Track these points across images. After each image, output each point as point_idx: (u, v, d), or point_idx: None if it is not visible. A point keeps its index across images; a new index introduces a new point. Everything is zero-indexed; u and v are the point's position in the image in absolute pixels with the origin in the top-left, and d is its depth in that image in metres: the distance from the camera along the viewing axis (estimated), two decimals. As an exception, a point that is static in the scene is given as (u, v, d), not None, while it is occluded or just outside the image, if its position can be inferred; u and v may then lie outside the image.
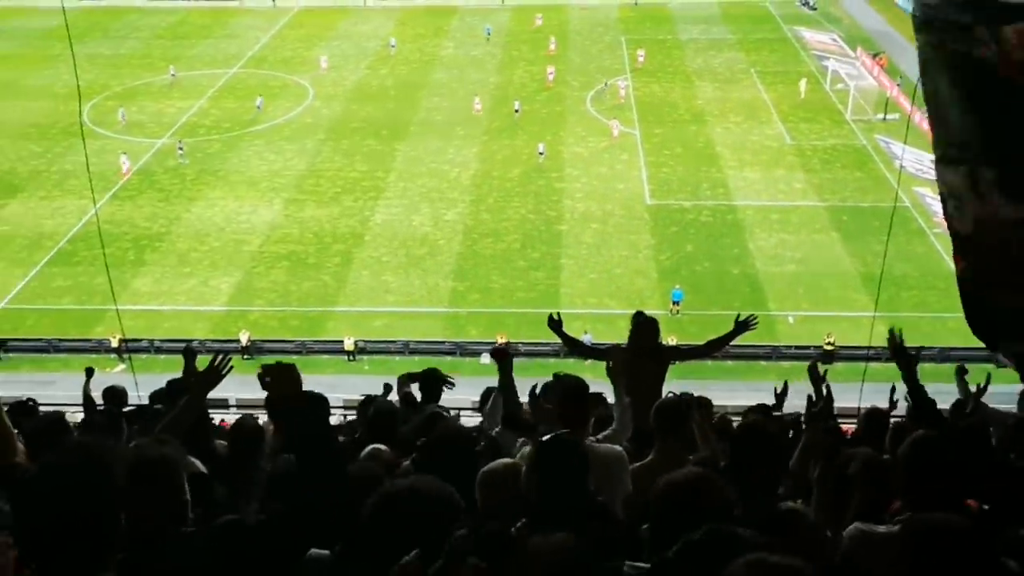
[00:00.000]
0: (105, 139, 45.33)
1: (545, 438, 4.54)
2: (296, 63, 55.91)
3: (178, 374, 8.57)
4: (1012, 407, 8.82)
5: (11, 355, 30.72)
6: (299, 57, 56.92)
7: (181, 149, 43.34)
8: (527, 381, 7.64)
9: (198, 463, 5.05)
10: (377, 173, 42.12)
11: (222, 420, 19.11)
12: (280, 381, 4.53)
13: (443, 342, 30.72)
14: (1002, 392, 8.66)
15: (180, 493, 3.67)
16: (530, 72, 53.49)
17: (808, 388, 6.80)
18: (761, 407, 8.74)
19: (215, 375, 5.32)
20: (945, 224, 3.27)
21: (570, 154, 43.51)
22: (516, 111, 47.33)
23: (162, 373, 10.00)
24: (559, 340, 8.30)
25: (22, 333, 31.52)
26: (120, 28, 62.27)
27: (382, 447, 5.88)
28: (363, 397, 9.00)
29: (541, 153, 42.96)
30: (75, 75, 36.55)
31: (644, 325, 8.23)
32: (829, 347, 29.12)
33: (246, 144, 45.19)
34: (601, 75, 52.77)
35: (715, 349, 9.04)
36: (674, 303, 31.85)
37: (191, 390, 5.38)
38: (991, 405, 7.84)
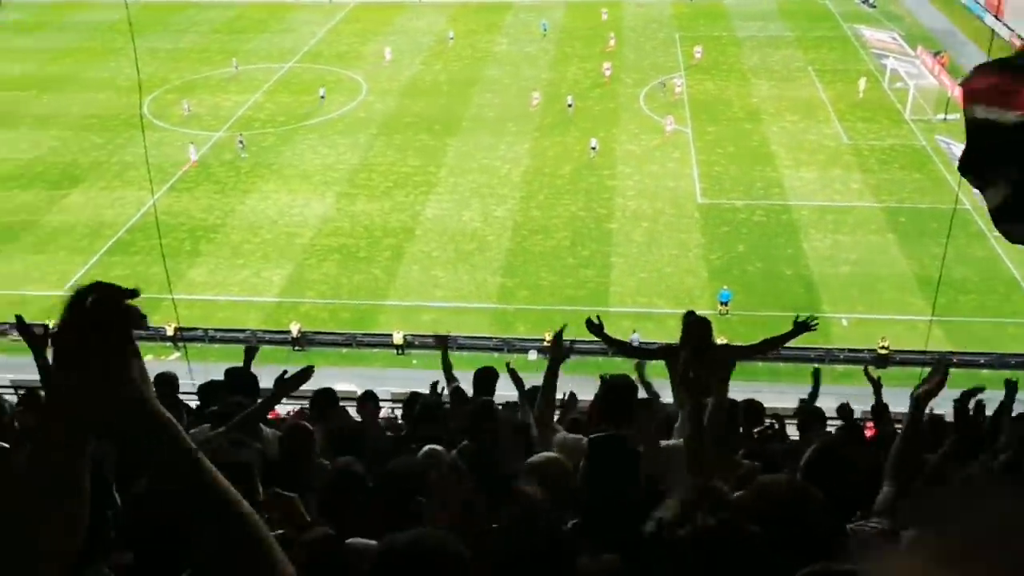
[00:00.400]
0: (164, 131, 46.18)
1: (595, 436, 4.51)
2: (351, 58, 56.38)
3: (230, 364, 8.71)
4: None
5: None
6: (354, 52, 57.39)
7: (241, 143, 43.95)
8: (576, 380, 7.65)
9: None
10: (428, 168, 42.32)
11: (273, 410, 19.41)
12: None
13: (491, 338, 30.78)
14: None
15: (254, 495, 3.63)
16: (583, 69, 53.30)
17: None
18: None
19: (296, 384, 5.37)
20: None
21: (622, 152, 43.28)
22: (569, 106, 47.24)
23: (216, 362, 10.17)
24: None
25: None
26: (179, 23, 63.36)
27: (439, 447, 5.87)
28: (409, 394, 9.06)
29: (593, 148, 42.82)
30: (136, 69, 37.28)
31: (696, 325, 8.13)
32: (883, 351, 28.62)
33: (300, 138, 45.71)
34: (655, 72, 52.40)
35: (770, 348, 8.81)
36: (722, 303, 31.53)
37: (277, 393, 5.39)
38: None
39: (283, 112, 48.71)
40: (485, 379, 8.58)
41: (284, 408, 12.04)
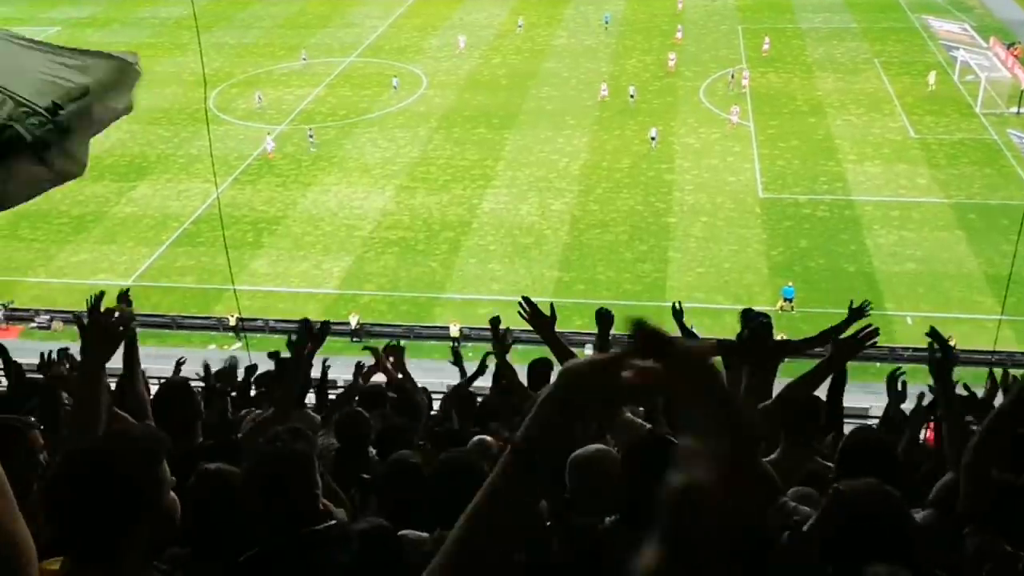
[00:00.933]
0: (229, 125, 47.02)
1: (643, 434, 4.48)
2: (411, 52, 56.72)
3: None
4: None
5: (138, 330, 32.19)
6: (414, 46, 57.72)
7: (311, 136, 44.44)
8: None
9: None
10: (487, 162, 42.41)
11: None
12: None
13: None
14: None
15: (313, 487, 3.57)
16: (643, 62, 52.88)
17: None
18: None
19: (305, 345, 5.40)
20: None
21: (681, 145, 42.88)
22: (631, 96, 46.95)
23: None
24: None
25: (147, 310, 33.01)
26: (244, 18, 64.38)
27: (487, 437, 5.90)
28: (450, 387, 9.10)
29: (653, 138, 42.58)
30: (201, 63, 38.03)
31: (758, 325, 7.97)
32: (949, 350, 27.90)
33: (360, 131, 46.16)
34: (716, 65, 51.78)
35: (827, 340, 8.52)
36: (786, 300, 31.07)
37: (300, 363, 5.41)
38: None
39: (344, 106, 49.23)
40: (541, 372, 8.57)
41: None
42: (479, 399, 9.00)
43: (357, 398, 8.18)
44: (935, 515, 4.07)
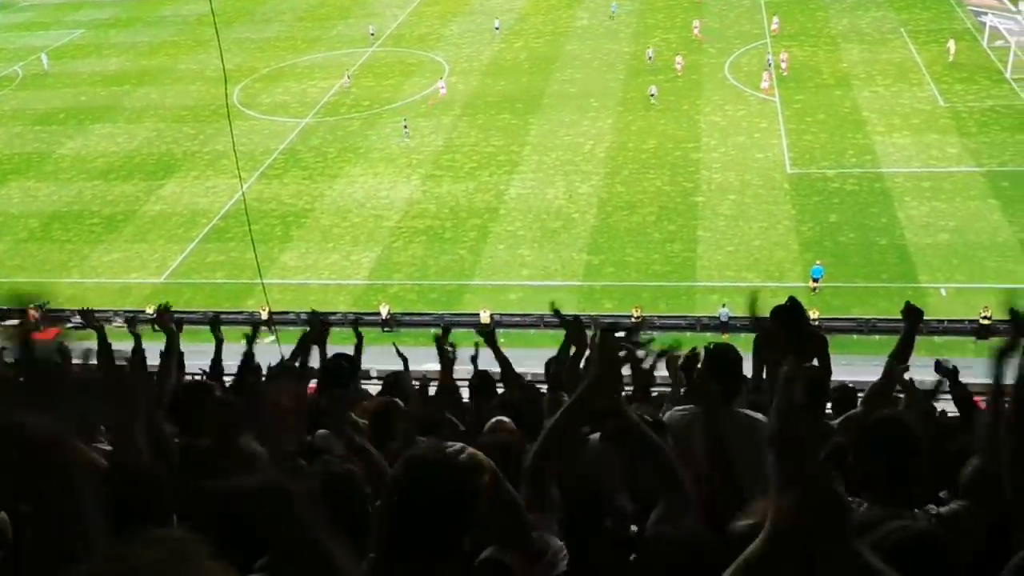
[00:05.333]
0: (254, 120, 47.28)
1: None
2: (432, 40, 56.65)
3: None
4: None
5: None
6: (435, 34, 57.64)
7: (406, 128, 44.24)
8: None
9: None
10: (512, 147, 42.34)
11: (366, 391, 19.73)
12: None
13: (577, 315, 30.69)
14: None
15: (364, 507, 3.54)
16: (666, 40, 52.40)
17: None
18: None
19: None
20: None
21: (707, 123, 42.53)
22: (652, 95, 45.96)
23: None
24: (695, 315, 8.20)
25: (179, 306, 33.34)
26: (264, 12, 64.60)
27: (505, 419, 5.89)
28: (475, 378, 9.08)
29: (652, 95, 43.14)
30: (221, 59, 38.24)
31: (791, 314, 7.84)
32: (985, 321, 27.59)
33: (385, 121, 46.22)
34: (739, 41, 51.23)
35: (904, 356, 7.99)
36: (814, 279, 30.73)
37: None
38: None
39: (367, 96, 49.31)
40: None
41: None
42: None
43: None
44: (968, 507, 3.86)
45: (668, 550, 2.97)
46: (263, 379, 7.32)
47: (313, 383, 8.07)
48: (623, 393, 4.03)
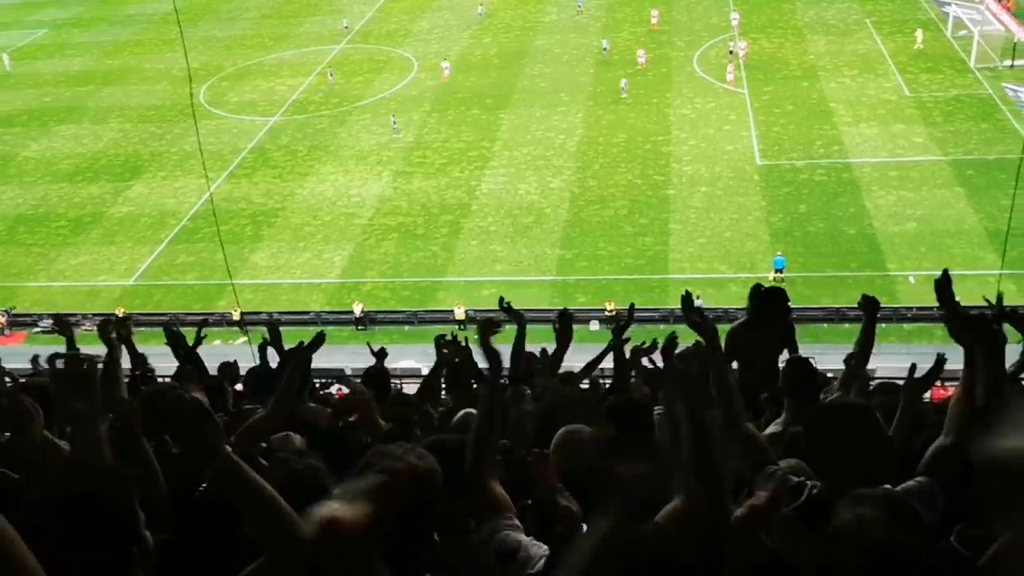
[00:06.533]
0: (221, 119, 46.88)
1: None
2: (400, 36, 56.41)
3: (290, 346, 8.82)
4: None
5: (141, 329, 32.21)
6: (403, 30, 57.39)
7: (395, 124, 44.00)
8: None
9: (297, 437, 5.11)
10: (483, 143, 42.29)
11: (339, 390, 19.66)
12: None
13: (551, 310, 30.75)
14: None
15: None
16: (634, 34, 52.55)
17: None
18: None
19: (310, 352, 5.39)
20: None
21: (677, 116, 42.71)
22: (622, 88, 46.30)
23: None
24: (668, 307, 8.27)
25: (149, 308, 33.07)
26: (230, 10, 64.00)
27: (472, 411, 5.88)
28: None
29: (623, 88, 44.20)
30: (185, 58, 37.88)
31: (768, 298, 7.93)
32: (954, 308, 27.88)
33: (354, 119, 46.00)
34: (707, 34, 51.48)
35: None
36: (776, 271, 30.93)
37: (294, 371, 5.32)
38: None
39: (336, 93, 49.03)
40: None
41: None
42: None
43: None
44: (929, 483, 3.89)
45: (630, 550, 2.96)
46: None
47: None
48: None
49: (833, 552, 2.71)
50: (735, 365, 7.37)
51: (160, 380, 8.59)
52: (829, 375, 7.49)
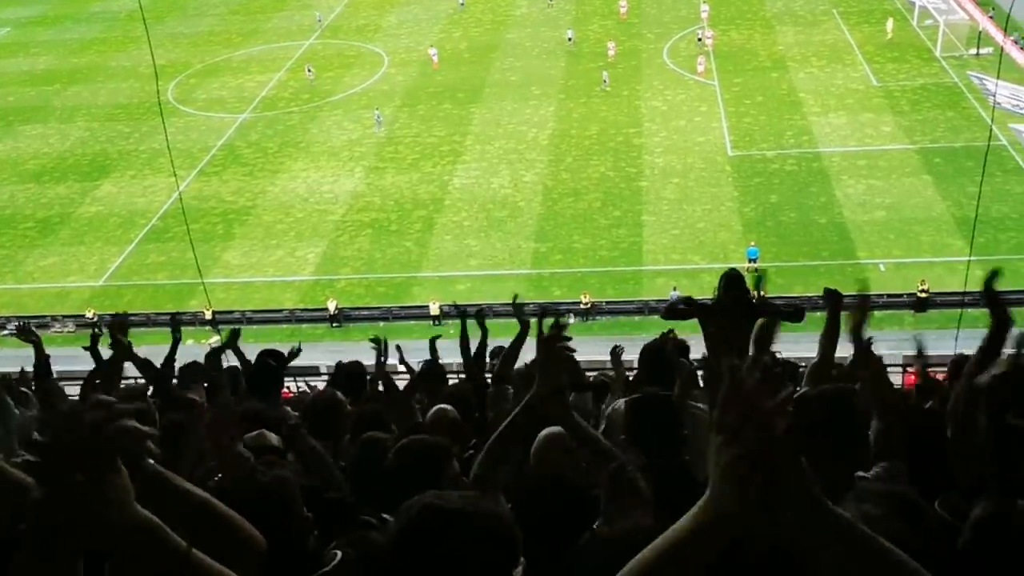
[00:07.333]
0: (189, 117, 46.45)
1: (635, 397, 4.51)
2: (370, 31, 56.14)
3: (267, 345, 8.79)
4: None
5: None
6: (372, 25, 57.13)
7: (379, 118, 43.62)
8: (610, 340, 7.67)
9: (273, 436, 5.08)
10: (454, 137, 42.21)
11: (314, 387, 19.57)
12: None
13: (527, 303, 30.77)
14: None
15: (300, 515, 3.30)
16: (604, 27, 52.64)
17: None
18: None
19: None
20: None
21: (648, 108, 42.84)
22: (569, 39, 47.88)
23: (253, 343, 10.26)
24: (643, 299, 8.32)
25: (120, 309, 32.70)
26: (197, 7, 63.39)
27: (447, 407, 5.89)
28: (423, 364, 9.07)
29: (604, 81, 44.33)
30: (152, 55, 37.46)
31: (733, 283, 8.01)
32: (923, 294, 28.27)
33: (325, 115, 45.74)
34: (677, 26, 51.67)
35: (794, 319, 8.48)
36: (750, 260, 31.11)
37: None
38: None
39: (307, 89, 48.73)
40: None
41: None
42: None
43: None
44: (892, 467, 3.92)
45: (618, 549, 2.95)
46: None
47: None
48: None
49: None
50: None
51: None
52: (801, 367, 7.58)
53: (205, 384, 7.17)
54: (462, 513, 2.32)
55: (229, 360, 8.20)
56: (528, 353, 7.12)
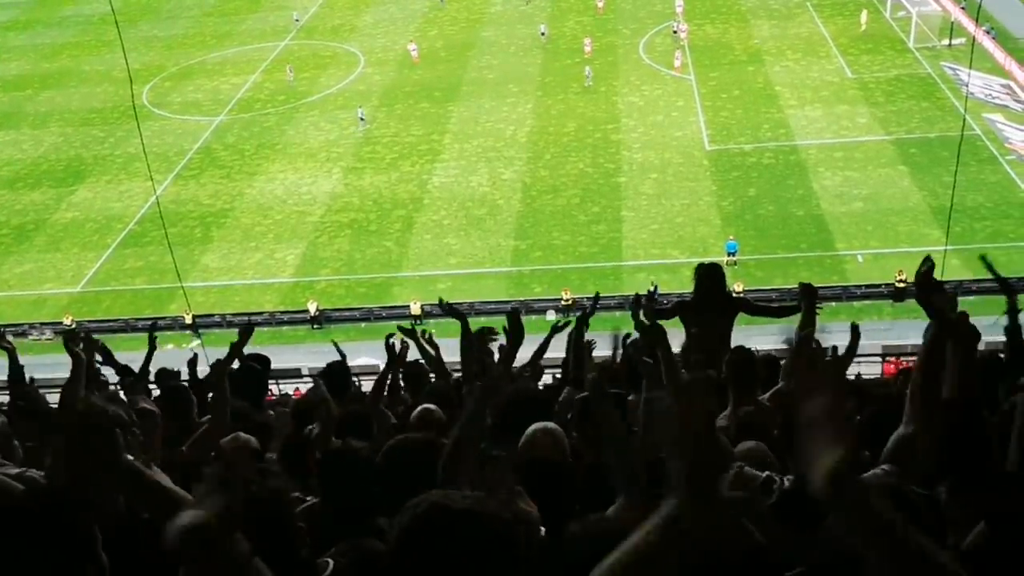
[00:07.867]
0: (165, 120, 46.12)
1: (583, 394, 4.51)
2: (345, 31, 55.93)
3: (249, 349, 8.73)
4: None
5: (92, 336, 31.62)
6: (348, 25, 56.91)
7: (363, 118, 43.37)
8: (592, 335, 7.67)
9: (252, 439, 5.06)
10: (432, 136, 42.13)
11: (296, 389, 19.52)
12: None
13: (508, 301, 30.81)
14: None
15: (293, 527, 3.30)
16: (581, 23, 52.69)
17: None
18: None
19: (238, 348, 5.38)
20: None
21: (625, 104, 42.92)
22: (542, 34, 48.44)
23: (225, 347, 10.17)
24: (623, 294, 8.34)
25: (98, 315, 32.49)
26: (170, 9, 62.89)
27: (432, 407, 5.89)
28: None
29: (587, 76, 44.51)
30: (125, 59, 37.17)
31: (708, 276, 8.07)
32: (901, 284, 28.47)
33: (302, 116, 45.54)
34: (652, 21, 51.79)
35: (786, 314, 8.62)
36: (729, 254, 31.24)
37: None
38: None
39: (283, 91, 48.48)
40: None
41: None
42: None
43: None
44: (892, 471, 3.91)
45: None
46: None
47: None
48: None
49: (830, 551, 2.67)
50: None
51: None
52: (782, 361, 7.61)
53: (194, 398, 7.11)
54: (469, 513, 2.29)
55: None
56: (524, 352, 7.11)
